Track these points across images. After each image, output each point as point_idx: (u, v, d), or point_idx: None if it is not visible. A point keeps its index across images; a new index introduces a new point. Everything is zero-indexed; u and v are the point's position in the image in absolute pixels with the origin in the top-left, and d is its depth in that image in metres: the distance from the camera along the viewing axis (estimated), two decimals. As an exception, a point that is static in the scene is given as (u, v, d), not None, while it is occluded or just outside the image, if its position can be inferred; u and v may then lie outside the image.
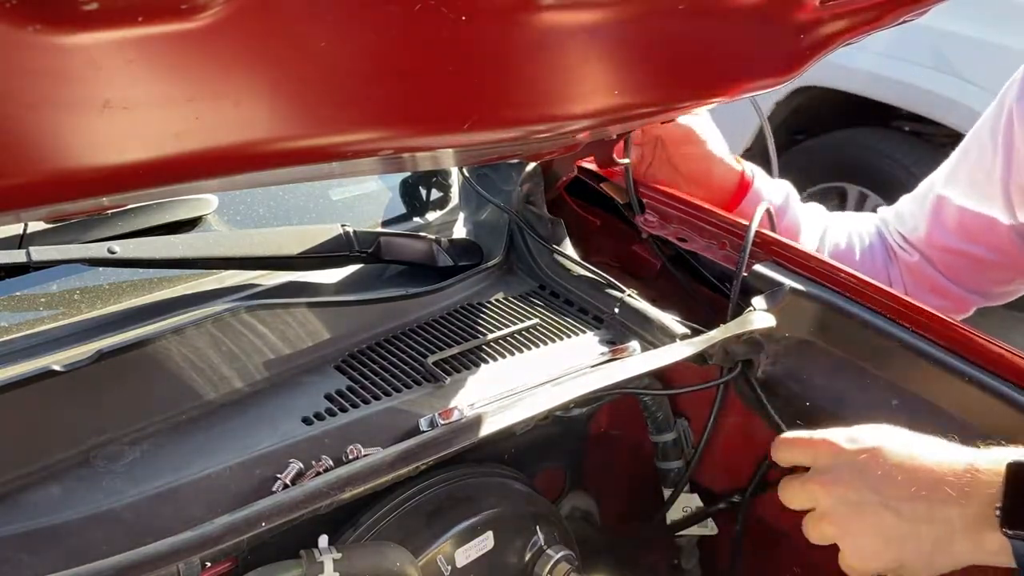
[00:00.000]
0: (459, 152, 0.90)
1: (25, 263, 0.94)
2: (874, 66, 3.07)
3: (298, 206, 1.27)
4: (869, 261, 1.31)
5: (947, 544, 0.76)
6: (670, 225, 1.22)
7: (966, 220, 1.22)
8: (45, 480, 0.78)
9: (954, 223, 1.24)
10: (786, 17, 0.82)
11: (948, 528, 0.75)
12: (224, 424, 0.87)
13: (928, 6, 0.90)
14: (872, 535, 0.79)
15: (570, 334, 1.07)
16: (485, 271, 1.17)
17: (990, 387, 0.93)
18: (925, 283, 1.28)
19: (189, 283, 1.05)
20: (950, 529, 0.75)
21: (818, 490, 0.82)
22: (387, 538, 0.87)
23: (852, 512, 0.80)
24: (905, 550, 0.78)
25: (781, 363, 1.05)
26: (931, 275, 1.27)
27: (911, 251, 1.29)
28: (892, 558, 0.79)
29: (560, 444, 1.16)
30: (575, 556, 1.01)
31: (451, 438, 0.83)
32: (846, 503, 0.80)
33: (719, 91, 0.88)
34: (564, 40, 0.69)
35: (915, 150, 3.18)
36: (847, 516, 0.80)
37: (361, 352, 1.00)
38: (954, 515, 0.75)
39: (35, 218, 0.91)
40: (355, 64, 0.59)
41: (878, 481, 0.79)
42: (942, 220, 1.25)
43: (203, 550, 0.69)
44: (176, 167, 0.55)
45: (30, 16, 0.45)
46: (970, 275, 1.26)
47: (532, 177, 1.24)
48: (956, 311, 1.29)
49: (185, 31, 0.50)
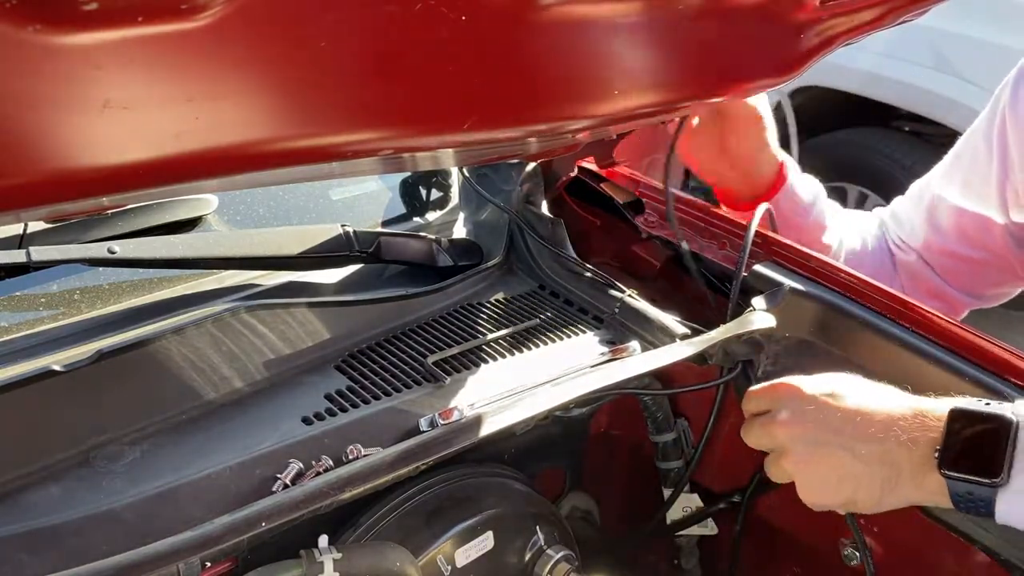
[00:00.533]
0: (459, 152, 0.90)
1: (25, 263, 0.94)
2: (874, 66, 3.07)
3: (298, 206, 1.27)
4: (879, 262, 1.31)
5: (895, 484, 0.80)
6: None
7: (962, 221, 1.23)
8: (45, 480, 0.78)
9: (950, 224, 1.24)
10: (786, 17, 0.82)
11: (897, 469, 0.80)
12: (224, 424, 0.87)
13: (928, 6, 0.90)
14: (828, 473, 0.83)
15: (570, 334, 1.07)
16: (485, 271, 1.17)
17: (990, 387, 0.93)
18: (921, 285, 1.28)
19: (189, 283, 1.05)
20: (898, 470, 0.80)
21: (779, 430, 0.85)
22: (387, 538, 0.87)
23: (810, 451, 0.84)
24: (858, 488, 0.82)
25: (781, 363, 1.05)
26: (927, 277, 1.28)
27: (908, 252, 1.29)
28: (846, 495, 0.83)
29: (560, 444, 1.16)
30: (575, 556, 1.01)
31: (451, 438, 0.83)
32: (804, 442, 0.84)
33: (719, 91, 0.88)
34: (564, 40, 0.69)
35: (915, 150, 3.18)
36: (805, 455, 0.84)
37: (361, 352, 1.00)
38: (903, 457, 0.79)
39: (35, 218, 0.91)
40: (355, 64, 0.59)
41: (836, 422, 0.82)
42: (938, 222, 1.26)
43: (203, 550, 0.69)
44: (176, 167, 0.55)
45: (30, 16, 0.45)
46: (965, 277, 1.27)
47: (532, 177, 1.24)
48: (950, 314, 1.29)
49: (185, 31, 0.50)
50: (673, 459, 1.15)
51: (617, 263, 1.25)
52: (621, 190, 1.27)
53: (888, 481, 0.80)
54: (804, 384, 0.86)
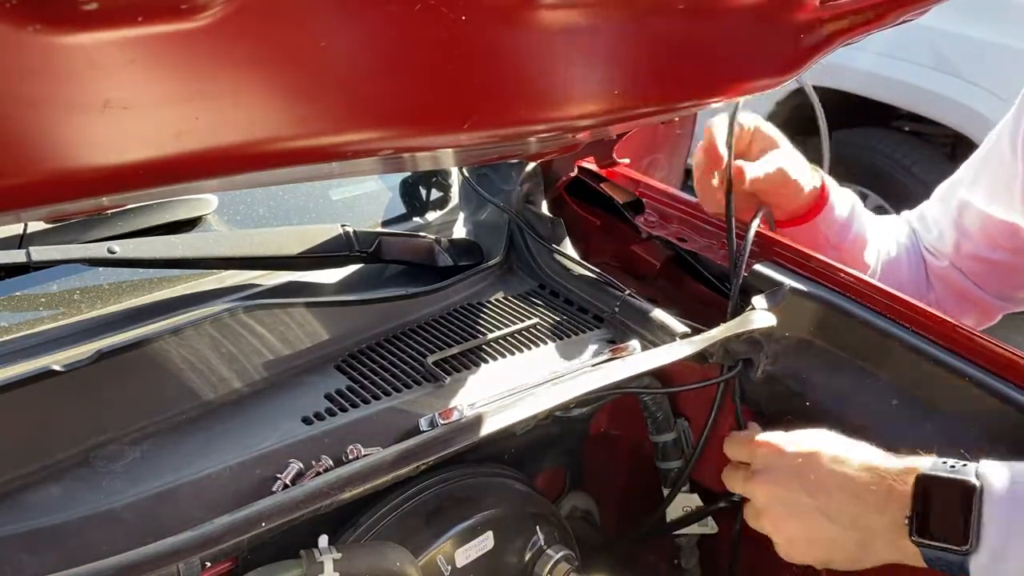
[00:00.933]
0: (459, 152, 0.90)
1: (25, 263, 0.94)
2: (874, 66, 3.07)
3: (298, 206, 1.27)
4: (915, 269, 1.29)
5: (870, 546, 0.83)
6: (670, 225, 1.22)
7: (989, 226, 1.21)
8: (45, 480, 0.78)
9: (977, 230, 1.23)
10: (786, 17, 0.82)
11: (870, 532, 0.82)
12: (224, 424, 0.87)
13: (928, 6, 0.90)
14: (802, 534, 0.87)
15: (570, 333, 1.07)
16: (485, 271, 1.17)
17: (990, 387, 0.93)
18: (954, 290, 1.27)
19: (189, 283, 1.05)
20: (872, 533, 0.82)
21: (757, 489, 0.90)
22: (387, 538, 0.87)
23: (786, 512, 0.88)
24: (833, 549, 0.86)
25: (781, 362, 1.05)
26: (959, 281, 1.27)
27: (940, 258, 1.28)
28: (821, 555, 0.87)
29: (560, 444, 1.16)
30: (575, 556, 1.01)
31: (451, 438, 0.83)
32: (780, 503, 0.88)
33: (719, 91, 0.87)
34: (564, 40, 0.69)
35: (915, 150, 3.18)
36: (781, 515, 0.88)
37: (361, 352, 1.00)
38: (875, 522, 0.82)
39: (35, 218, 0.91)
40: (355, 64, 0.59)
41: (811, 485, 0.86)
42: (965, 227, 1.24)
43: (203, 550, 0.69)
44: (176, 167, 0.55)
45: (30, 16, 0.45)
46: (996, 281, 1.25)
47: (532, 177, 1.24)
48: (985, 317, 1.29)
49: (185, 31, 0.50)
50: (673, 459, 1.15)
51: (617, 263, 1.25)
52: (621, 190, 1.27)
53: (862, 544, 0.83)
54: (784, 444, 0.90)
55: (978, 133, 2.99)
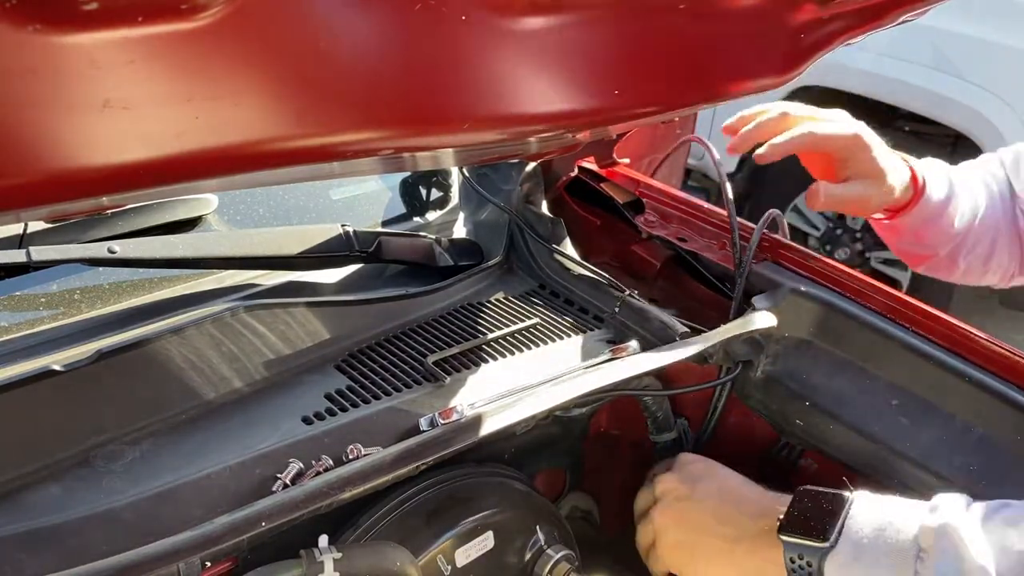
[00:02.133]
0: (459, 152, 0.90)
1: (25, 263, 0.94)
2: (874, 66, 3.07)
3: (298, 206, 1.27)
4: (1010, 215, 1.26)
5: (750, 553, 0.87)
6: (670, 225, 1.22)
7: None
8: (45, 480, 0.78)
9: None
10: (786, 17, 0.82)
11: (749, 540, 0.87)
12: (224, 424, 0.87)
13: (928, 6, 0.90)
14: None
15: (570, 334, 1.07)
16: (485, 271, 1.17)
17: (990, 387, 0.93)
18: None
19: (189, 283, 1.05)
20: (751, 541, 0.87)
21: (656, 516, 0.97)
22: (387, 538, 0.87)
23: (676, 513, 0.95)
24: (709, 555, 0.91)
25: (781, 363, 1.05)
26: None
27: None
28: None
29: (560, 444, 1.16)
30: (575, 556, 1.01)
31: (451, 438, 0.83)
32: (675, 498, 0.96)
33: (719, 91, 0.87)
34: (564, 40, 0.69)
35: (915, 150, 3.18)
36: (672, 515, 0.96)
37: (361, 352, 1.00)
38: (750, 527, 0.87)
39: (35, 218, 0.91)
40: (355, 64, 0.59)
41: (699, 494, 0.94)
42: None
43: (203, 550, 0.69)
44: (176, 167, 0.55)
45: (30, 16, 0.45)
46: None
47: (532, 177, 1.24)
48: None
49: (185, 31, 0.50)
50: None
51: (617, 263, 1.25)
52: (621, 190, 1.27)
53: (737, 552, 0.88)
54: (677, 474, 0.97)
55: (979, 133, 3.00)
